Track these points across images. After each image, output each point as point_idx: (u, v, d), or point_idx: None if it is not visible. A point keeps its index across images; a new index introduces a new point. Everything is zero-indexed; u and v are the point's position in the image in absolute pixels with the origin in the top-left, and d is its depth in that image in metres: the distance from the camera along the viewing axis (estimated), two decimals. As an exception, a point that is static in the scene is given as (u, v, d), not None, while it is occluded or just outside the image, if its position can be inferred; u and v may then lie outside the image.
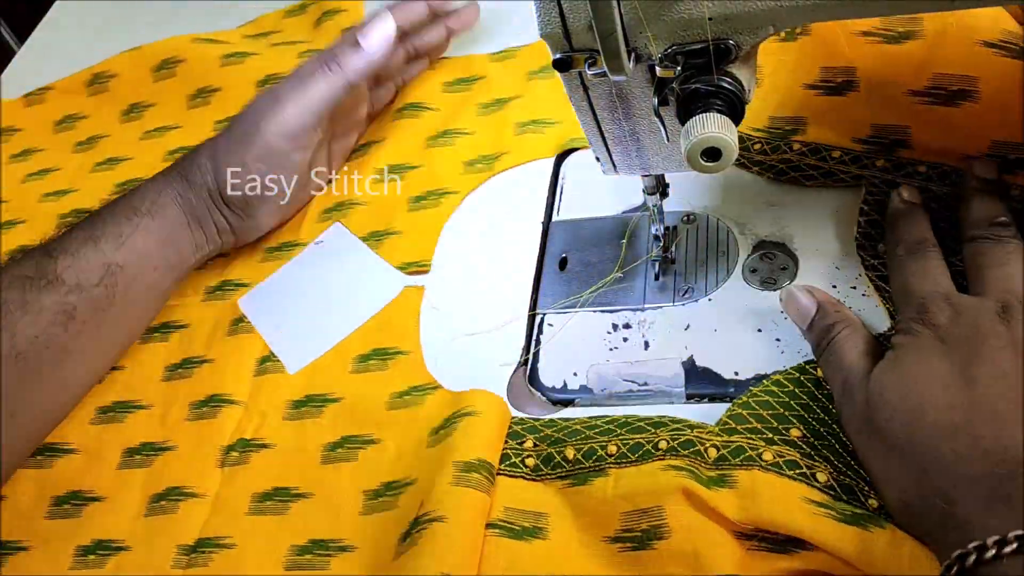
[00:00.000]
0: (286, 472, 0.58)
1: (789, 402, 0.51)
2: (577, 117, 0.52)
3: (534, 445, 0.54)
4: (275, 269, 0.69)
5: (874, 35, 0.61)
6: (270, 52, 0.87)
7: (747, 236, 0.61)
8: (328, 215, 0.71)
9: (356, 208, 0.71)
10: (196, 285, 0.71)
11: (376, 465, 0.57)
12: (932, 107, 0.58)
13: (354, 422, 0.59)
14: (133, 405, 0.65)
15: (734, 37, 0.44)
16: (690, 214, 0.63)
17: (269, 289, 0.68)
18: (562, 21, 0.45)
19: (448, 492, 0.51)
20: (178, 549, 0.57)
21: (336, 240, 0.69)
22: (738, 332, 0.57)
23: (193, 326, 0.68)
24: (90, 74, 0.93)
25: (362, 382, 0.61)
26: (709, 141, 0.44)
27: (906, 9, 0.42)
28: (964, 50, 0.58)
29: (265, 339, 0.65)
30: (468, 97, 0.76)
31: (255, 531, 0.56)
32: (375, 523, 0.54)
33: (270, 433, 0.60)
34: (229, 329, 0.67)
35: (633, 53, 0.45)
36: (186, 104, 0.87)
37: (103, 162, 0.85)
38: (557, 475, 0.53)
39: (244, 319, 0.67)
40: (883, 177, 0.58)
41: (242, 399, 0.63)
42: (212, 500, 0.59)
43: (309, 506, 0.57)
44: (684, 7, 0.43)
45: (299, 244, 0.70)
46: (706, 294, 0.59)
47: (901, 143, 0.59)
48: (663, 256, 0.61)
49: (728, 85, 0.45)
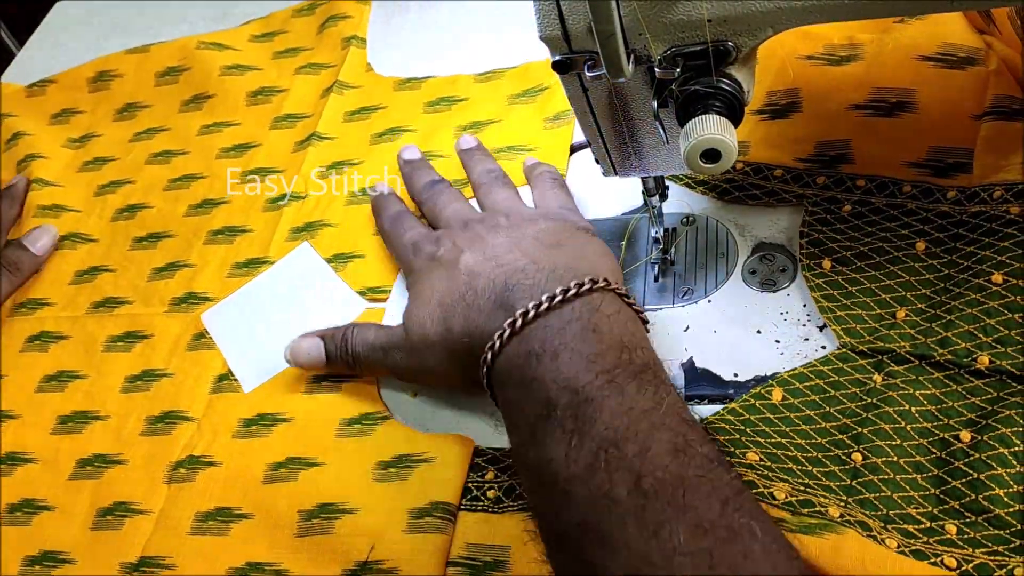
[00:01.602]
0: (230, 491, 0.59)
1: (744, 428, 0.51)
2: (576, 119, 0.53)
3: (495, 477, 0.55)
4: (240, 284, 0.70)
5: (818, 59, 0.63)
6: (270, 66, 0.87)
7: (746, 238, 0.61)
8: (298, 234, 0.72)
9: (325, 229, 0.71)
10: (163, 295, 0.72)
11: (314, 486, 0.57)
12: (873, 119, 0.60)
13: (300, 444, 0.60)
14: (92, 416, 0.66)
15: (733, 39, 0.45)
16: (689, 216, 0.63)
17: (232, 305, 0.69)
18: (562, 23, 0.45)
19: (400, 541, 0.52)
20: (121, 567, 0.57)
21: (302, 260, 0.70)
22: (738, 334, 0.57)
23: (156, 337, 0.69)
24: (94, 71, 0.94)
25: (314, 404, 0.62)
26: (708, 143, 0.44)
27: (904, 11, 0.43)
28: (902, 65, 0.61)
29: (224, 355, 0.66)
30: (447, 118, 0.76)
31: (196, 551, 0.57)
32: (308, 547, 0.55)
33: (218, 451, 0.61)
34: (190, 344, 0.68)
35: (632, 55, 0.45)
36: (178, 108, 0.87)
37: (91, 161, 0.86)
38: (519, 506, 0.53)
39: (206, 334, 0.68)
40: (823, 194, 0.59)
41: (196, 416, 0.63)
42: (156, 517, 0.59)
43: (249, 527, 0.57)
44: (683, 9, 0.44)
45: (266, 261, 0.71)
46: (706, 296, 0.59)
47: (843, 158, 0.60)
48: (663, 258, 0.61)
49: (727, 87, 0.45)
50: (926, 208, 0.57)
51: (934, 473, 0.48)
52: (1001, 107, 0.57)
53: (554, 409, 0.45)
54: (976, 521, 0.45)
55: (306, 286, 0.68)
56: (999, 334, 0.50)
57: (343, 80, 0.82)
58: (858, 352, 0.53)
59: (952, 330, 0.51)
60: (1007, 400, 0.48)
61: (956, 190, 0.56)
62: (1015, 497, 0.45)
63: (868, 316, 0.54)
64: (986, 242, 0.53)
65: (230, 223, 0.75)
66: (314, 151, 0.77)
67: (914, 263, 0.55)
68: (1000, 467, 0.46)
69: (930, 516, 0.46)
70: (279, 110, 0.82)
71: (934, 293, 0.53)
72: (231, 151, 0.81)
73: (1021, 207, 0.53)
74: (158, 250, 0.75)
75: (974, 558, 0.44)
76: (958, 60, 0.60)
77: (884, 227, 0.57)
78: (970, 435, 0.48)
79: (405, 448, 0.57)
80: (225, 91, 0.86)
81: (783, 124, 0.63)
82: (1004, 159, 0.55)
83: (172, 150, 0.84)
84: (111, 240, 0.78)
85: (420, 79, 0.80)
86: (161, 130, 0.86)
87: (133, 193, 0.81)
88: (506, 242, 0.55)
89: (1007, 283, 0.51)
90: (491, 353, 0.50)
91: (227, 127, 0.83)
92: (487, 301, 0.52)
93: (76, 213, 0.81)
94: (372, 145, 0.76)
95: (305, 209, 0.73)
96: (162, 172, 0.82)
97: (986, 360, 0.49)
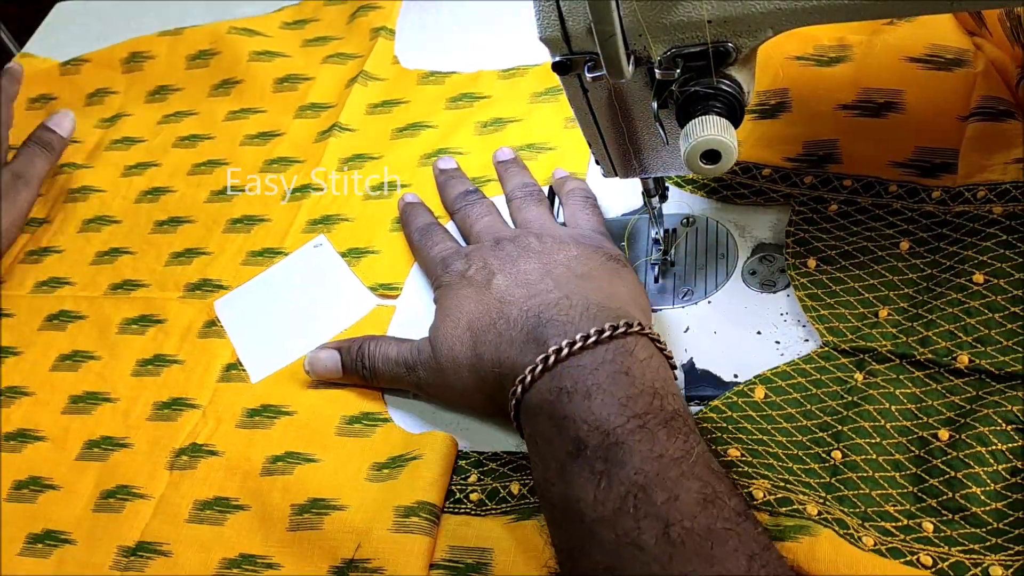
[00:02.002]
0: (229, 481, 0.59)
1: (726, 426, 0.51)
2: (576, 120, 0.53)
3: (478, 480, 0.55)
4: (255, 274, 0.70)
5: (807, 59, 0.64)
6: (299, 53, 0.88)
7: (746, 238, 0.61)
8: (315, 226, 0.72)
9: (342, 223, 0.71)
10: (179, 280, 0.72)
11: (308, 481, 0.58)
12: (860, 119, 0.61)
13: (300, 439, 0.60)
14: (102, 397, 0.67)
15: (733, 40, 0.45)
16: (689, 216, 0.63)
17: (245, 294, 0.69)
18: (561, 24, 0.45)
19: (385, 539, 0.52)
20: (118, 550, 0.58)
21: (316, 253, 0.70)
22: (738, 334, 0.57)
23: (170, 322, 0.70)
24: (128, 51, 0.95)
25: (317, 398, 0.62)
26: (708, 143, 0.44)
27: (904, 11, 0.43)
28: (890, 66, 0.61)
29: (234, 345, 0.66)
30: (469, 114, 0.76)
31: (192, 539, 0.58)
32: (299, 541, 0.55)
33: (221, 440, 0.62)
34: (202, 331, 0.68)
35: (632, 56, 0.45)
36: (208, 92, 0.88)
37: (119, 140, 0.87)
38: (501, 510, 0.53)
39: (217, 322, 0.68)
40: (810, 194, 0.59)
41: (202, 403, 0.64)
42: (156, 502, 0.60)
43: (245, 519, 0.58)
44: (683, 10, 0.43)
45: (281, 252, 0.71)
46: (706, 296, 0.59)
47: (830, 157, 0.60)
48: (663, 259, 0.61)
49: (727, 88, 0.45)
50: (911, 208, 0.57)
51: (912, 471, 0.48)
52: (987, 108, 0.57)
53: (584, 448, 0.45)
54: (953, 519, 0.46)
55: (319, 279, 0.68)
56: (979, 333, 0.50)
57: (368, 71, 0.81)
58: (840, 351, 0.53)
59: (933, 329, 0.51)
60: (986, 399, 0.48)
61: (941, 190, 0.57)
62: (992, 495, 0.46)
63: (851, 315, 0.54)
64: (969, 242, 0.53)
65: (249, 212, 0.75)
66: (335, 142, 0.77)
67: (898, 263, 0.55)
68: (978, 465, 0.46)
69: (908, 514, 0.47)
70: (304, 99, 0.83)
71: (916, 292, 0.54)
72: (255, 138, 0.81)
73: (1004, 207, 0.53)
74: (177, 235, 0.76)
75: (950, 556, 0.44)
76: (946, 62, 0.60)
77: (869, 227, 0.57)
78: (948, 433, 0.48)
79: (400, 448, 0.57)
80: (253, 76, 0.86)
81: (772, 124, 0.63)
82: (988, 159, 0.55)
83: (199, 134, 0.84)
84: (133, 222, 0.79)
85: (444, 74, 0.80)
86: (190, 114, 0.87)
87: (158, 176, 0.82)
88: (538, 268, 0.55)
89: (988, 283, 0.51)
90: (521, 387, 0.49)
91: (253, 114, 0.84)
92: (519, 333, 0.51)
93: (102, 194, 0.82)
94: (392, 140, 0.76)
95: (323, 202, 0.73)
96: (187, 156, 0.83)
97: (966, 359, 0.50)
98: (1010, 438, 0.47)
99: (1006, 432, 0.47)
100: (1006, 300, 0.51)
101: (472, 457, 0.56)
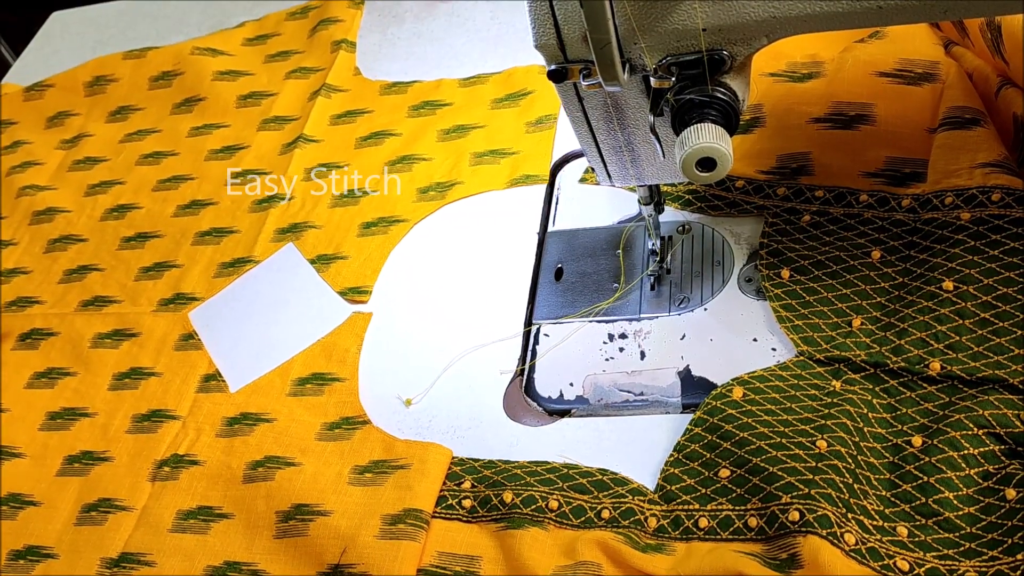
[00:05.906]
0: (211, 491, 0.60)
1: (713, 440, 0.52)
2: (572, 128, 0.53)
3: (472, 487, 0.55)
4: (227, 284, 0.71)
5: (781, 76, 0.65)
6: (262, 70, 0.89)
7: (742, 246, 0.61)
8: (283, 235, 0.73)
9: (310, 231, 0.72)
10: (151, 294, 0.73)
11: (290, 486, 0.58)
12: (832, 131, 0.62)
13: (280, 444, 0.61)
14: (80, 412, 0.67)
15: (728, 48, 0.45)
16: (685, 224, 0.63)
17: (220, 304, 0.70)
18: (557, 32, 0.45)
19: (371, 545, 0.53)
20: (101, 562, 0.59)
21: (286, 261, 0.71)
22: (734, 341, 0.57)
23: (144, 335, 0.70)
24: (91, 75, 0.95)
25: (296, 405, 0.63)
26: (704, 151, 0.44)
27: (899, 20, 0.43)
28: (861, 80, 0.62)
29: (211, 355, 0.67)
30: (431, 122, 0.77)
31: (176, 549, 0.58)
32: (285, 548, 0.56)
33: (202, 449, 0.62)
34: (178, 344, 0.69)
35: (628, 64, 0.45)
36: (170, 111, 0.89)
37: (81, 160, 0.87)
38: (492, 518, 0.54)
39: (194, 335, 0.69)
40: (783, 205, 0.60)
41: (182, 414, 0.64)
42: (139, 514, 0.60)
43: (229, 527, 0.58)
44: (678, 18, 0.44)
45: (251, 260, 0.72)
46: (702, 304, 0.60)
47: (803, 169, 0.61)
48: (659, 267, 0.61)
49: (722, 95, 0.45)
50: (882, 217, 0.58)
51: (886, 477, 0.49)
52: (953, 118, 0.58)
53: None
54: (927, 524, 0.47)
55: (290, 287, 0.69)
56: (950, 340, 0.51)
57: (331, 83, 0.83)
58: (815, 360, 0.54)
59: (905, 338, 0.52)
60: (957, 404, 0.49)
61: (911, 198, 0.58)
62: (965, 500, 0.47)
63: (825, 325, 0.55)
64: (938, 249, 0.54)
65: (217, 224, 0.76)
66: (301, 153, 0.78)
67: (870, 272, 0.56)
68: (950, 470, 0.47)
69: (884, 516, 0.48)
70: (268, 112, 0.84)
71: (889, 301, 0.54)
72: (220, 152, 0.82)
73: (972, 212, 0.54)
74: (146, 250, 0.77)
75: (926, 562, 0.45)
76: (915, 76, 0.61)
77: (841, 236, 0.58)
78: (922, 440, 0.49)
79: (382, 454, 0.58)
80: (216, 95, 0.87)
81: (747, 139, 0.64)
82: (955, 163, 0.57)
83: (162, 151, 0.85)
84: (100, 239, 0.79)
85: (406, 83, 0.81)
86: (152, 131, 0.87)
87: (123, 193, 0.82)
88: None
89: (957, 289, 0.52)
90: None
91: (217, 128, 0.84)
92: None
93: (67, 214, 0.82)
94: (357, 148, 0.77)
95: (291, 211, 0.74)
96: (152, 173, 0.83)
97: (938, 366, 0.51)
98: (982, 442, 0.47)
99: (978, 436, 0.48)
100: (976, 306, 0.52)
101: (467, 464, 0.56)
